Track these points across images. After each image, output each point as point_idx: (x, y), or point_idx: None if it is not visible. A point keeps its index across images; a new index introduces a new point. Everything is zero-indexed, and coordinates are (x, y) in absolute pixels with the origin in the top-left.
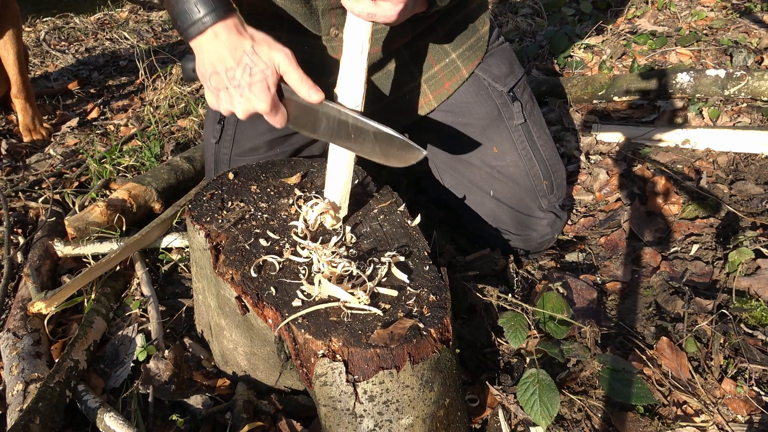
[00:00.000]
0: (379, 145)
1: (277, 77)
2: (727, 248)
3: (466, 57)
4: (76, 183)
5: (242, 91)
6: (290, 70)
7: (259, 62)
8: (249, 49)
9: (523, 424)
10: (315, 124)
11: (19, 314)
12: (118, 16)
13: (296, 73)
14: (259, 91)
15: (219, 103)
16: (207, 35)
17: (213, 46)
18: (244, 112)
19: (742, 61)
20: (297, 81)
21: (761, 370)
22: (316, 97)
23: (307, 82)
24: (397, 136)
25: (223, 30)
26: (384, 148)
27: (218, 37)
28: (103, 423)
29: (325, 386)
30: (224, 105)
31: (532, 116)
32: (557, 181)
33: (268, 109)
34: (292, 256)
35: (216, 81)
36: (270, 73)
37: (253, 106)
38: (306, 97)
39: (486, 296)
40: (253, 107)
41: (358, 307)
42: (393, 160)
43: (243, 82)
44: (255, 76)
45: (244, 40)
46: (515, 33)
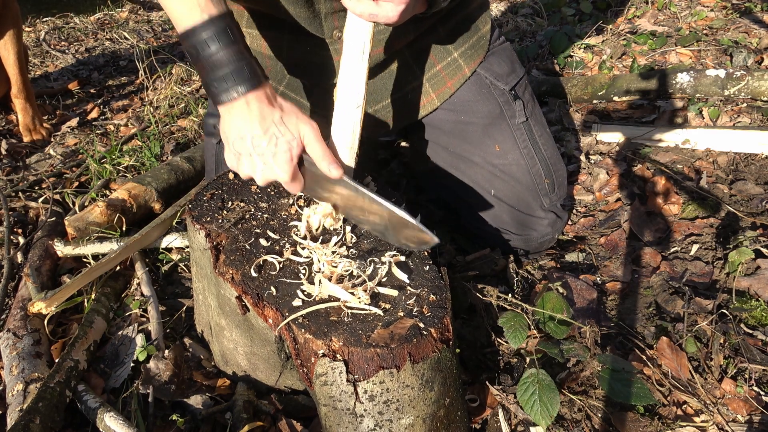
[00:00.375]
0: (392, 225)
1: (300, 149)
2: (727, 248)
3: (468, 56)
4: (76, 183)
5: (265, 160)
6: (314, 143)
7: (287, 133)
8: (278, 120)
9: (523, 424)
10: (330, 195)
11: (19, 314)
12: (118, 16)
13: (319, 147)
14: (282, 162)
15: (239, 166)
16: (239, 103)
17: (243, 113)
18: (264, 179)
19: (742, 61)
20: (319, 155)
21: (761, 370)
22: (335, 173)
23: (328, 158)
24: (411, 220)
25: (255, 100)
26: (396, 229)
27: (249, 107)
28: (103, 423)
29: (325, 386)
30: (244, 169)
31: (534, 115)
32: (558, 180)
33: (288, 179)
34: (292, 256)
35: (240, 146)
36: (295, 145)
37: (274, 174)
38: (326, 173)
39: (486, 296)
40: (274, 176)
41: (358, 306)
42: (404, 243)
43: (267, 151)
44: (280, 146)
45: (274, 110)
46: (515, 33)
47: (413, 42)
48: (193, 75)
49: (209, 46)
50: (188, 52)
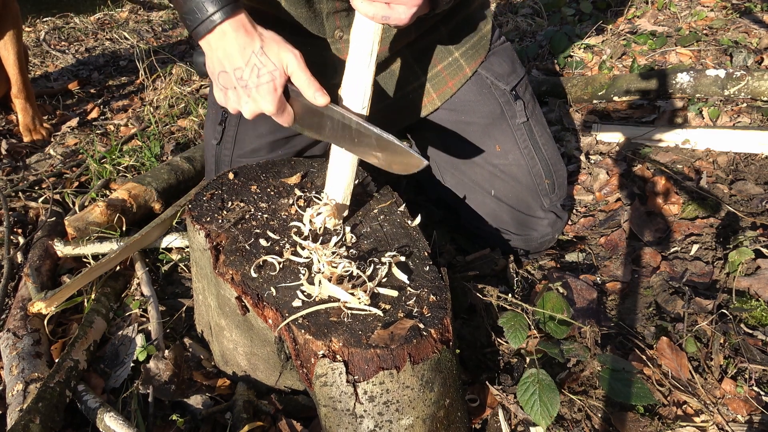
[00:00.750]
0: (381, 151)
1: (284, 78)
2: (727, 248)
3: (469, 56)
4: (76, 183)
5: (249, 92)
6: (298, 71)
7: (268, 63)
8: (258, 49)
9: (523, 424)
10: (320, 126)
11: (19, 314)
12: (118, 16)
13: (304, 75)
14: (266, 93)
15: (227, 101)
16: (215, 33)
17: (221, 44)
18: (250, 112)
19: (742, 61)
20: (304, 83)
21: (761, 370)
22: (321, 100)
23: (313, 85)
24: (398, 143)
25: (232, 28)
26: (386, 154)
27: (227, 36)
28: (103, 423)
29: (325, 386)
30: (231, 104)
31: (534, 115)
32: (559, 180)
33: (274, 110)
34: (292, 257)
35: (224, 80)
36: (278, 75)
37: (259, 107)
38: (312, 100)
39: (486, 296)
40: (260, 108)
41: (358, 307)
42: (395, 167)
43: (251, 82)
44: (263, 77)
45: (253, 40)
46: (515, 33)
47: (414, 41)
48: (193, 75)
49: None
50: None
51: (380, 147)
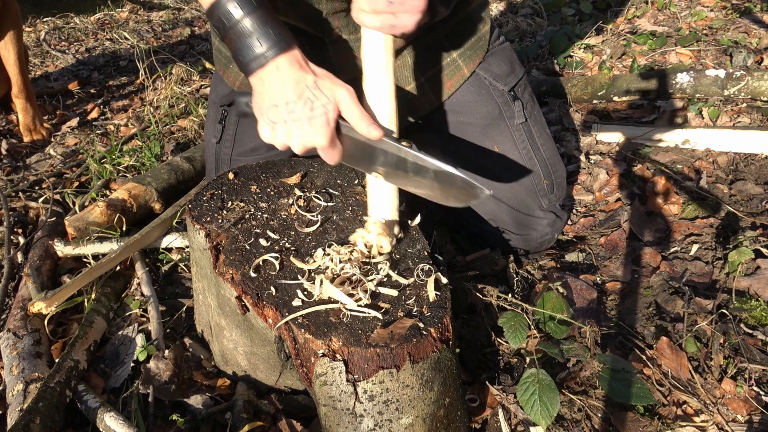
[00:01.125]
0: (439, 184)
1: (337, 113)
2: (727, 248)
3: (467, 56)
4: (76, 183)
5: (302, 125)
6: (350, 106)
7: (322, 97)
8: (311, 84)
9: (523, 424)
10: (371, 161)
11: (20, 314)
12: (118, 16)
13: (356, 109)
14: (319, 126)
15: (275, 135)
16: (269, 68)
17: (275, 79)
18: (301, 146)
19: (742, 61)
20: (357, 117)
21: (761, 370)
22: (375, 133)
23: (366, 119)
24: (459, 175)
25: (286, 63)
26: (444, 187)
27: (280, 71)
28: (103, 423)
29: (325, 386)
30: (280, 139)
31: (533, 116)
32: (557, 180)
33: (326, 143)
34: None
35: (274, 114)
36: (331, 108)
37: (311, 141)
38: (365, 134)
39: (486, 296)
40: (312, 142)
41: (358, 309)
42: (452, 200)
43: (303, 116)
44: (316, 111)
45: (306, 74)
46: (515, 33)
47: (412, 43)
48: (193, 75)
49: (233, 15)
50: (216, 27)
51: (437, 179)
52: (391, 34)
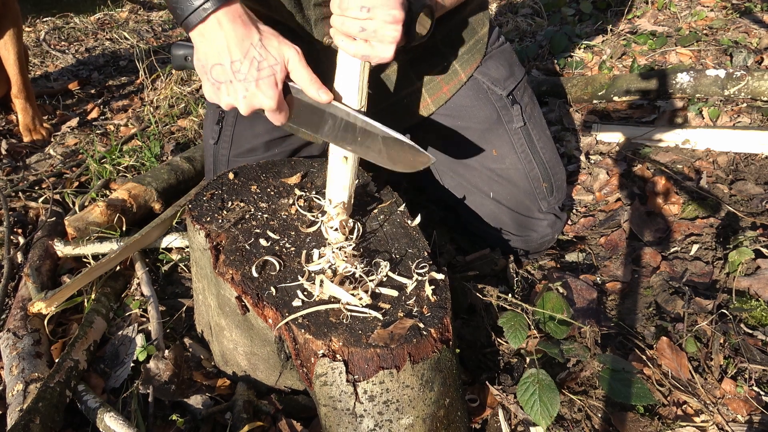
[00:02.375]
0: (387, 149)
1: (285, 73)
2: (727, 248)
3: (465, 60)
4: (76, 183)
5: (248, 86)
6: (299, 67)
7: (269, 56)
8: (257, 42)
9: (523, 424)
10: (318, 125)
11: (19, 314)
12: (118, 16)
13: (306, 71)
14: (266, 87)
15: (220, 96)
16: (210, 23)
17: (217, 35)
18: (247, 107)
19: (742, 61)
20: (306, 80)
21: (761, 370)
22: (325, 97)
23: (316, 82)
24: (406, 141)
25: (228, 18)
26: (392, 152)
27: (222, 26)
28: (103, 423)
29: (325, 386)
30: (225, 99)
31: (532, 118)
32: (557, 183)
33: (274, 105)
34: (309, 265)
35: (218, 73)
36: (279, 69)
37: (258, 102)
38: (315, 97)
39: (486, 296)
40: (259, 103)
41: (358, 309)
42: (399, 165)
43: (250, 76)
44: (263, 71)
45: (251, 32)
46: (515, 33)
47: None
48: (193, 75)
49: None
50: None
51: (386, 145)
52: (366, 62)
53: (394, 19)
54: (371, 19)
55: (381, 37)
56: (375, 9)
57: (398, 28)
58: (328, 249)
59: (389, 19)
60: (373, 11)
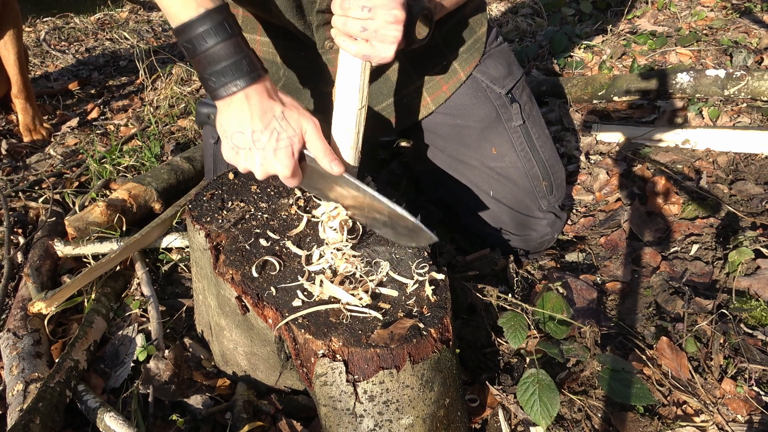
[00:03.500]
0: (392, 222)
1: (301, 144)
2: (727, 248)
3: (464, 59)
4: (76, 183)
5: (266, 155)
6: (315, 139)
7: (288, 128)
8: (279, 114)
9: (523, 424)
10: (329, 192)
11: (20, 314)
12: (118, 16)
13: (321, 143)
14: (283, 157)
15: (237, 160)
16: (238, 97)
17: (242, 107)
18: (263, 173)
19: (742, 61)
20: (321, 152)
21: (761, 370)
22: (337, 170)
23: (329, 155)
24: (411, 219)
25: (255, 94)
26: (396, 226)
27: (250, 100)
28: (103, 423)
29: (325, 386)
30: (243, 163)
31: (531, 117)
32: (557, 181)
33: (289, 174)
34: (310, 267)
35: (239, 140)
36: (297, 140)
37: (274, 170)
38: (327, 169)
39: (486, 296)
40: (274, 170)
41: (358, 309)
42: (403, 240)
43: (269, 146)
44: (281, 142)
45: (275, 105)
46: (515, 33)
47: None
48: (193, 75)
49: (206, 41)
50: (184, 47)
51: (391, 218)
52: (369, 62)
53: (396, 18)
54: (372, 19)
55: (382, 37)
56: (376, 9)
57: (399, 28)
58: (327, 249)
59: (390, 18)
60: (375, 11)
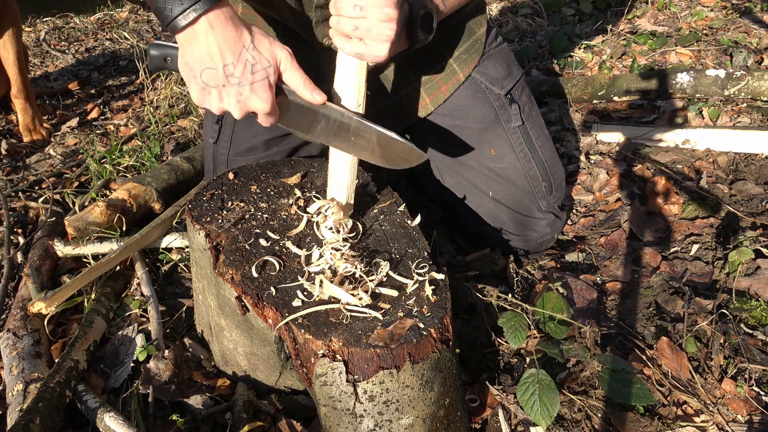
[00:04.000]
0: (380, 147)
1: (277, 75)
2: (727, 248)
3: (462, 60)
4: (76, 183)
5: (242, 89)
6: (292, 69)
7: (262, 59)
8: (249, 44)
9: (523, 424)
10: (311, 125)
11: (19, 314)
12: (118, 16)
13: (298, 73)
14: (261, 90)
15: (210, 100)
16: (200, 25)
17: (208, 37)
18: (241, 111)
19: (742, 61)
20: (299, 81)
21: (761, 370)
22: (319, 98)
23: (310, 84)
24: (399, 139)
25: (219, 20)
26: (385, 150)
27: (214, 28)
28: (103, 423)
29: (325, 386)
30: (217, 103)
31: (531, 118)
32: (556, 182)
33: (268, 108)
34: (310, 268)
35: (209, 77)
36: (272, 71)
37: (252, 105)
38: (309, 99)
39: (486, 296)
40: (253, 106)
41: (358, 309)
42: (393, 162)
43: (244, 79)
44: (257, 74)
45: (243, 33)
46: (515, 33)
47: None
48: None
49: None
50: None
51: (379, 143)
52: (361, 60)
53: (388, 17)
54: (365, 18)
55: (375, 36)
56: (368, 7)
57: (392, 27)
58: (326, 249)
59: (382, 17)
60: (366, 9)
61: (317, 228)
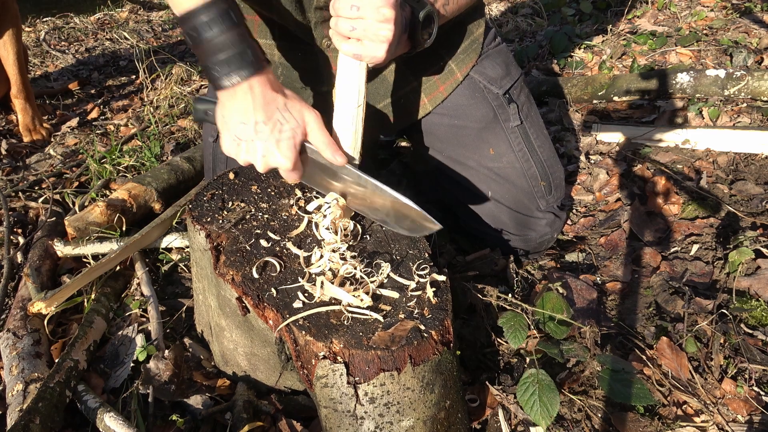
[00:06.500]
0: (395, 212)
1: (303, 136)
2: (727, 248)
3: (461, 60)
4: (76, 183)
5: (268, 146)
6: (317, 130)
7: (291, 120)
8: (282, 106)
9: (523, 424)
10: (331, 183)
11: (19, 314)
12: (118, 16)
13: (323, 134)
14: (285, 149)
15: (238, 152)
16: (241, 87)
17: (245, 98)
18: (265, 165)
19: (742, 61)
20: (323, 143)
21: (761, 370)
22: (340, 160)
23: (332, 146)
24: (414, 207)
25: (259, 85)
26: (399, 216)
27: (253, 91)
28: (103, 423)
29: (326, 388)
30: (244, 156)
31: (529, 117)
32: (555, 181)
33: (290, 166)
34: (312, 270)
35: (241, 131)
36: (299, 132)
37: (275, 162)
38: (331, 160)
39: (486, 296)
40: (276, 162)
41: (359, 311)
42: (406, 228)
43: (271, 138)
44: (284, 134)
45: (277, 96)
46: (515, 33)
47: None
48: (193, 75)
49: (210, 29)
50: (188, 35)
51: (394, 208)
52: (360, 60)
53: (385, 17)
54: (362, 18)
55: (372, 36)
56: (365, 8)
57: (389, 27)
58: (325, 250)
59: (380, 17)
60: (363, 10)
61: (316, 229)
